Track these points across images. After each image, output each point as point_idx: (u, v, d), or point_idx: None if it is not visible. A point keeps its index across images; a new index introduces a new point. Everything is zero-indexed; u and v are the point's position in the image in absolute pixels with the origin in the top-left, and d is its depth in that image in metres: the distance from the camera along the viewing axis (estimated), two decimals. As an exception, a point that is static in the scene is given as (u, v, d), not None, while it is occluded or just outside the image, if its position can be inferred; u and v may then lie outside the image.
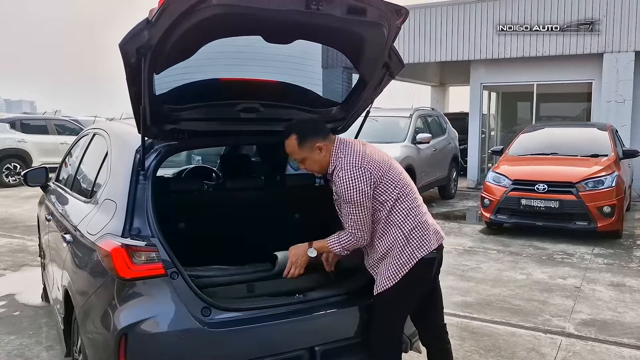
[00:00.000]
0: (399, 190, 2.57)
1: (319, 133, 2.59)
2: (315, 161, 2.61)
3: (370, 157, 2.57)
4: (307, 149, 2.58)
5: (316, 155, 2.59)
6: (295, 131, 2.59)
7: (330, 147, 2.59)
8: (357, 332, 2.70)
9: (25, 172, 4.60)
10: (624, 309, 4.93)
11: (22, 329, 4.33)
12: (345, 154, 2.54)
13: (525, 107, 14.52)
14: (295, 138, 2.58)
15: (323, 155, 2.58)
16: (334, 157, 2.57)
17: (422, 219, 2.60)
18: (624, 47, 11.34)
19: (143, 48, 2.23)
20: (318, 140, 2.57)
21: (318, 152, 2.58)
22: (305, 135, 2.57)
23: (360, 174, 2.48)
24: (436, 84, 19.87)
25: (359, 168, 2.49)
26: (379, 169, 2.54)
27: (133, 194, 2.53)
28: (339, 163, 2.53)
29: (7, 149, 13.83)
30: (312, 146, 2.57)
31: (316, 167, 2.65)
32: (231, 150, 4.64)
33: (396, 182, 2.58)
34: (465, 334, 4.28)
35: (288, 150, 2.63)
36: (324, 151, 2.58)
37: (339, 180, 2.50)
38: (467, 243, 7.56)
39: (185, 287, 2.36)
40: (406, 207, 2.57)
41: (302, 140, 2.57)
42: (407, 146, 9.51)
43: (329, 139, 2.61)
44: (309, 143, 2.57)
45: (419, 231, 2.56)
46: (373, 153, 2.60)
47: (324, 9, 2.35)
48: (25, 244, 7.36)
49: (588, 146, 8.58)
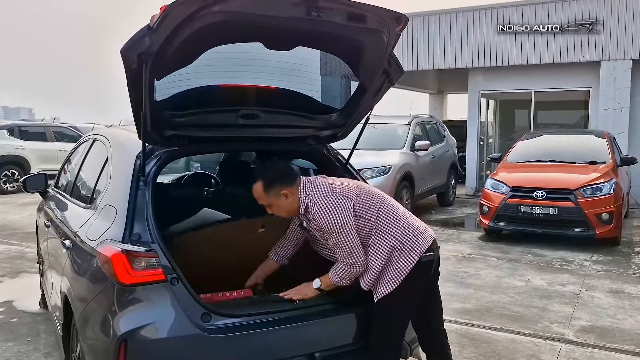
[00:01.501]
0: (377, 202, 2.63)
1: (286, 181, 2.62)
2: (281, 207, 2.64)
3: (337, 183, 2.64)
4: (272, 195, 2.61)
5: (282, 202, 2.62)
6: (262, 178, 2.63)
7: (297, 192, 2.61)
8: (357, 339, 2.69)
9: (25, 178, 4.60)
10: (623, 315, 4.92)
11: (20, 336, 4.31)
12: (313, 190, 2.59)
13: (523, 114, 14.56)
14: (261, 185, 2.61)
15: (289, 201, 2.61)
16: (303, 196, 2.60)
17: (407, 220, 2.65)
18: (621, 55, 11.40)
19: (144, 54, 2.23)
20: (284, 188, 2.60)
21: (284, 198, 2.61)
22: (270, 183, 2.60)
23: (335, 200, 2.53)
24: (434, 91, 19.93)
25: (330, 195, 2.55)
26: (349, 190, 2.61)
27: (133, 199, 2.53)
28: (310, 200, 2.57)
29: (6, 155, 13.80)
30: (278, 193, 2.60)
31: (282, 213, 2.68)
32: (230, 157, 4.64)
33: (371, 196, 2.65)
34: (465, 341, 4.27)
35: (255, 195, 2.66)
36: (289, 198, 2.61)
37: (316, 214, 2.54)
38: (466, 250, 7.56)
39: (185, 293, 2.36)
40: (390, 215, 2.62)
41: (267, 187, 2.60)
42: (406, 153, 9.53)
43: (296, 184, 2.62)
44: (275, 190, 2.60)
45: (410, 232, 2.60)
46: (337, 181, 2.68)
47: (324, 16, 2.36)
48: (24, 250, 7.33)
49: (586, 153, 8.60)
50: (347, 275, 2.61)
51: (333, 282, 2.65)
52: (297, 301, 2.67)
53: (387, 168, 8.78)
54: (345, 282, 2.63)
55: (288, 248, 2.98)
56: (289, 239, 2.98)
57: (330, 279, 2.65)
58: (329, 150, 3.39)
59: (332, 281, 2.65)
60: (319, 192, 2.58)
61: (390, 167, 8.80)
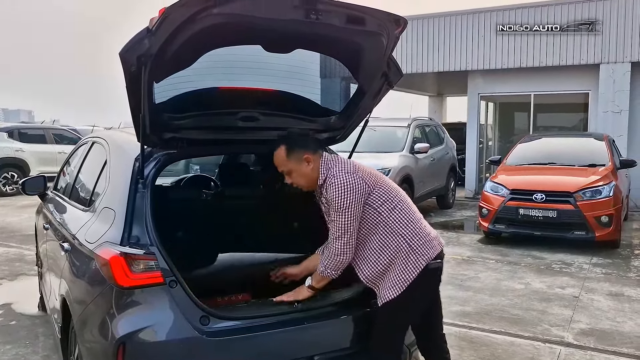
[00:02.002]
0: (394, 199, 2.59)
1: (308, 146, 2.61)
2: (302, 174, 2.60)
3: (360, 167, 2.62)
4: (294, 160, 2.59)
5: (304, 168, 2.59)
6: (284, 142, 2.61)
7: (318, 161, 2.59)
8: (357, 342, 2.68)
9: (24, 181, 4.59)
10: (622, 318, 4.92)
11: (18, 339, 4.31)
12: (335, 164, 2.57)
13: (522, 117, 14.57)
14: (284, 148, 2.59)
15: (310, 168, 2.58)
16: (324, 168, 2.58)
17: (421, 225, 2.62)
18: (620, 58, 11.42)
19: (143, 56, 2.23)
20: (306, 152, 2.58)
21: (306, 164, 2.58)
22: (293, 146, 2.59)
23: (353, 180, 2.50)
24: (434, 94, 19.95)
25: (351, 174, 2.52)
26: (370, 177, 2.58)
27: (132, 202, 2.52)
28: (330, 173, 2.54)
29: (5, 157, 13.81)
30: (300, 157, 2.58)
31: (302, 181, 2.64)
32: (230, 159, 4.64)
33: (389, 191, 2.61)
34: (464, 344, 4.26)
35: (276, 162, 2.64)
36: (311, 164, 2.58)
37: (331, 187, 2.50)
38: (465, 252, 7.56)
39: (184, 296, 2.35)
40: (404, 215, 2.58)
41: (290, 150, 2.58)
42: (405, 156, 9.54)
43: (318, 153, 2.62)
44: (297, 154, 2.58)
45: (421, 238, 2.57)
46: (362, 166, 2.65)
47: (323, 19, 2.36)
48: (22, 253, 7.33)
49: (585, 156, 8.61)
50: (332, 263, 2.56)
51: (320, 274, 2.60)
52: (296, 304, 2.66)
53: (386, 171, 8.78)
54: (330, 273, 2.58)
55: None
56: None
57: (319, 272, 2.61)
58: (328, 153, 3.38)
59: (319, 273, 2.61)
60: (341, 167, 2.55)
61: (390, 170, 8.80)
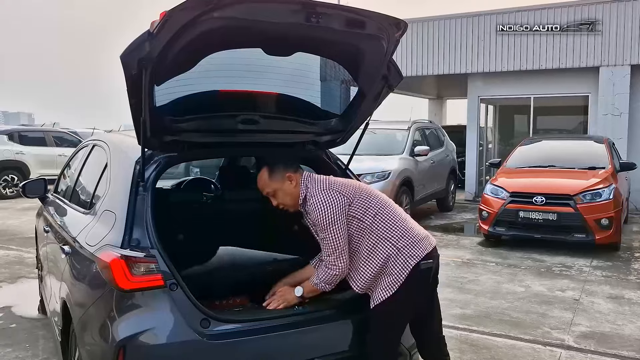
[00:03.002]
0: (375, 204, 2.62)
1: (289, 165, 2.64)
2: (287, 193, 2.64)
3: (336, 181, 2.65)
4: (277, 180, 2.62)
5: (287, 186, 2.63)
6: (265, 163, 2.65)
7: (299, 179, 2.63)
8: (357, 345, 2.68)
9: (24, 184, 4.59)
10: (623, 321, 4.92)
11: (18, 342, 4.30)
12: (312, 183, 2.61)
13: (522, 120, 14.59)
14: (266, 169, 2.63)
15: (294, 186, 2.62)
16: (303, 186, 2.62)
17: (406, 226, 2.63)
18: (619, 61, 11.43)
19: (144, 60, 2.24)
20: (288, 171, 2.62)
21: (289, 182, 2.62)
22: (274, 166, 2.63)
23: (331, 195, 2.54)
24: (434, 96, 19.96)
25: (328, 190, 2.56)
26: (348, 189, 2.61)
27: (132, 205, 2.52)
28: (308, 191, 2.59)
29: (5, 160, 13.81)
30: (283, 176, 2.61)
31: (288, 200, 2.67)
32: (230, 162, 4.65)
33: (369, 198, 2.63)
34: (465, 347, 4.26)
35: (260, 186, 2.67)
36: (294, 182, 2.62)
37: (311, 207, 2.54)
38: (465, 255, 7.55)
39: (184, 299, 2.35)
40: (388, 219, 2.60)
41: (272, 171, 2.62)
42: (405, 159, 9.54)
43: (299, 172, 2.66)
44: (279, 173, 2.62)
45: (408, 239, 2.58)
46: (337, 179, 2.69)
47: (324, 22, 2.37)
48: (22, 256, 7.32)
49: (585, 159, 8.61)
50: (327, 277, 2.58)
51: (314, 287, 2.62)
52: (296, 307, 2.66)
53: (386, 173, 8.79)
54: (325, 286, 2.60)
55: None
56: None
57: (312, 283, 2.63)
58: (329, 156, 3.39)
59: (313, 285, 2.62)
60: (317, 185, 2.60)
61: (390, 173, 8.81)
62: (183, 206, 3.73)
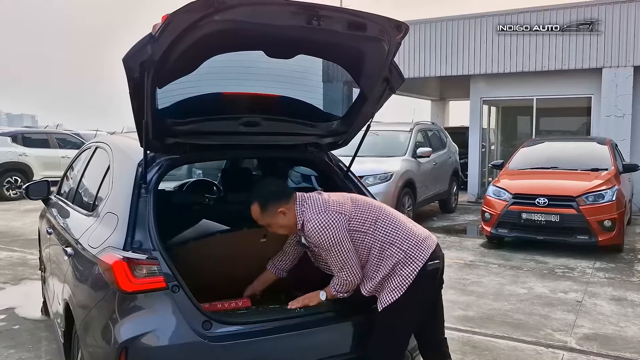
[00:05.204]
0: (373, 213, 2.63)
1: (281, 198, 2.62)
2: (281, 226, 2.65)
3: (331, 199, 2.64)
4: (269, 215, 2.62)
5: (280, 220, 2.62)
6: (257, 198, 2.63)
7: (293, 208, 2.62)
8: (358, 347, 2.68)
9: (27, 186, 4.61)
10: (625, 323, 4.91)
11: (21, 343, 4.32)
12: (307, 207, 2.59)
13: (525, 121, 14.57)
14: (258, 206, 2.62)
15: (287, 218, 2.62)
16: (299, 213, 2.60)
17: (407, 228, 2.64)
18: (622, 62, 11.41)
19: (146, 62, 2.25)
20: (280, 206, 2.60)
21: (282, 216, 2.61)
22: (266, 202, 2.61)
23: (328, 217, 2.53)
24: (436, 98, 19.95)
25: (324, 212, 2.55)
26: (344, 205, 2.61)
27: (135, 207, 2.53)
28: (305, 217, 2.57)
29: (9, 162, 13.84)
30: (274, 212, 2.61)
31: (283, 231, 2.69)
32: (232, 164, 4.66)
33: (366, 208, 2.64)
34: (467, 349, 4.26)
35: (253, 217, 2.68)
36: (287, 215, 2.61)
37: (311, 231, 2.54)
38: (468, 257, 7.55)
39: (186, 301, 2.36)
40: (389, 224, 2.61)
41: (263, 207, 2.61)
42: (408, 160, 9.54)
43: (292, 199, 2.63)
44: (271, 209, 2.61)
45: (411, 240, 2.59)
46: (332, 196, 2.67)
47: (325, 25, 2.38)
48: (26, 257, 7.34)
49: (588, 160, 8.60)
50: (343, 288, 2.62)
51: (333, 295, 2.67)
52: (297, 309, 2.67)
53: (388, 175, 8.78)
54: (343, 295, 2.65)
55: (286, 262, 2.98)
56: (286, 254, 2.97)
57: (331, 290, 2.67)
58: (330, 158, 3.40)
59: (332, 293, 2.67)
60: (313, 209, 2.57)
61: (392, 174, 8.81)
62: (185, 208, 3.73)
